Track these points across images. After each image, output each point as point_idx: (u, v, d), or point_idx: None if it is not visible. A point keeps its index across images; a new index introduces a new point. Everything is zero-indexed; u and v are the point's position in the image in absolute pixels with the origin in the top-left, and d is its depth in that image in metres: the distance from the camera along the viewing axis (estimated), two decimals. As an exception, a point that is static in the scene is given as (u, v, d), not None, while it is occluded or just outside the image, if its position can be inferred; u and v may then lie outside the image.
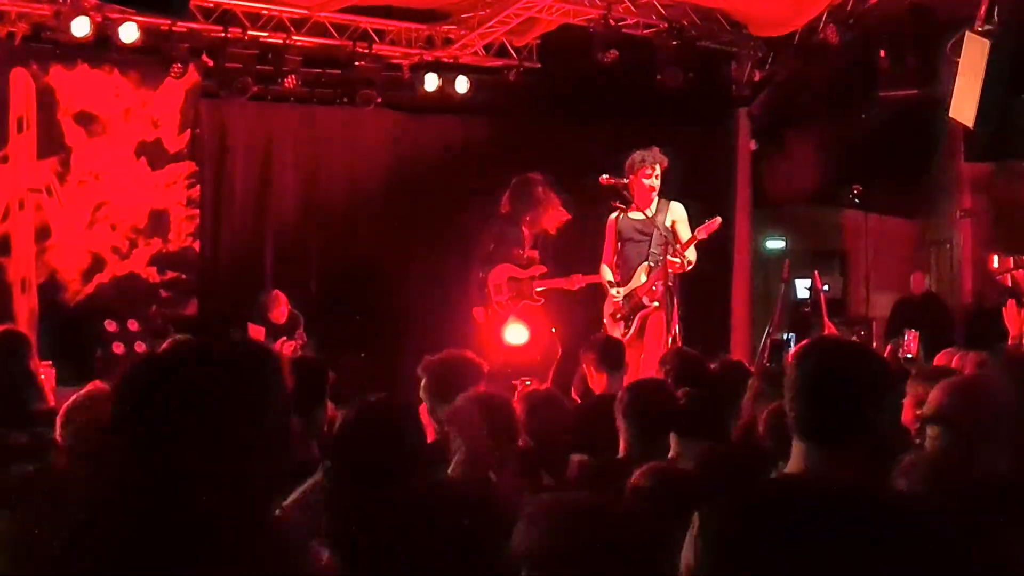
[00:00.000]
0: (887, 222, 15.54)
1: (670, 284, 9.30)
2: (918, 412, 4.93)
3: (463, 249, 11.96)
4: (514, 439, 4.83)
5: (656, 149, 9.76)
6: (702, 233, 9.49)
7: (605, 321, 9.85)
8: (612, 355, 7.18)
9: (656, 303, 9.52)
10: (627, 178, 9.65)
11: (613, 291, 9.80)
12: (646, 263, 9.69)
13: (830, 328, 10.80)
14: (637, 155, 9.71)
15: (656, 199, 9.71)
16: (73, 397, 4.78)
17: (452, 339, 10.62)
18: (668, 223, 9.64)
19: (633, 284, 9.72)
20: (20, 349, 5.71)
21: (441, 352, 5.90)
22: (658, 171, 9.68)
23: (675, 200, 9.79)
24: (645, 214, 9.65)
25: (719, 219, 9.65)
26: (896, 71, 11.83)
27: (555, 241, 10.95)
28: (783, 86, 13.58)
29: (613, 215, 9.91)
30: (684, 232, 9.67)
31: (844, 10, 12.07)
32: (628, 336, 9.46)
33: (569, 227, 10.90)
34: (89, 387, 4.83)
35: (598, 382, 7.00)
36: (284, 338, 11.53)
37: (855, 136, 13.65)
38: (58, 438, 4.69)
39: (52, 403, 5.50)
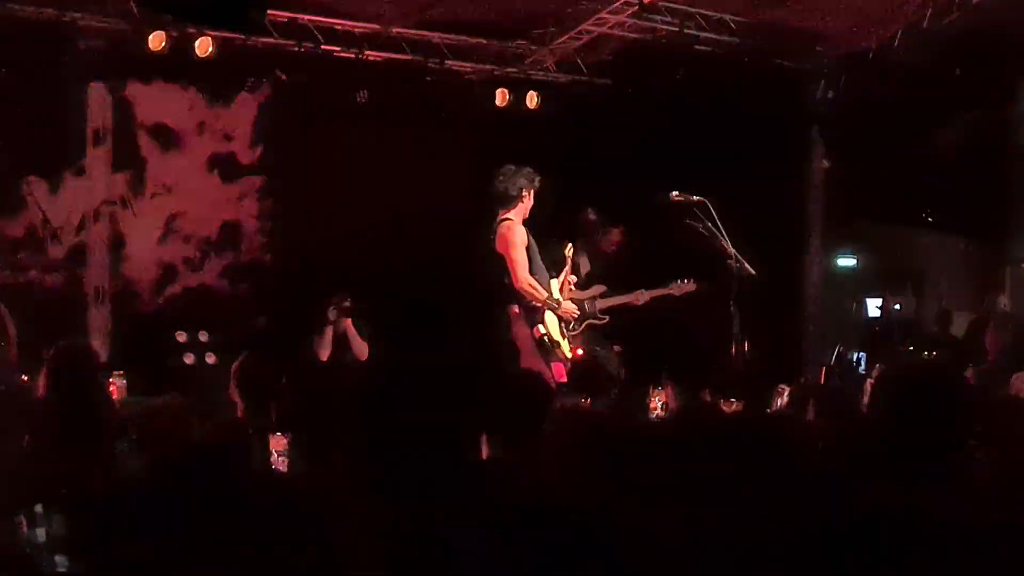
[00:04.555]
0: (961, 241, 15.34)
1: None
2: None
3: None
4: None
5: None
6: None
7: (560, 339, 9.91)
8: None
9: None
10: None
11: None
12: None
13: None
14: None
15: None
16: (138, 409, 4.89)
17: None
18: None
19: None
20: (87, 362, 5.77)
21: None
22: None
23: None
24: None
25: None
26: (972, 89, 11.68)
27: (618, 258, 10.94)
28: (857, 104, 13.47)
29: (521, 226, 9.93)
30: None
31: (919, 28, 11.96)
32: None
33: (634, 243, 10.89)
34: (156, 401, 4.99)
35: None
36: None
37: (929, 154, 13.49)
38: (127, 447, 4.80)
39: (120, 413, 5.56)
